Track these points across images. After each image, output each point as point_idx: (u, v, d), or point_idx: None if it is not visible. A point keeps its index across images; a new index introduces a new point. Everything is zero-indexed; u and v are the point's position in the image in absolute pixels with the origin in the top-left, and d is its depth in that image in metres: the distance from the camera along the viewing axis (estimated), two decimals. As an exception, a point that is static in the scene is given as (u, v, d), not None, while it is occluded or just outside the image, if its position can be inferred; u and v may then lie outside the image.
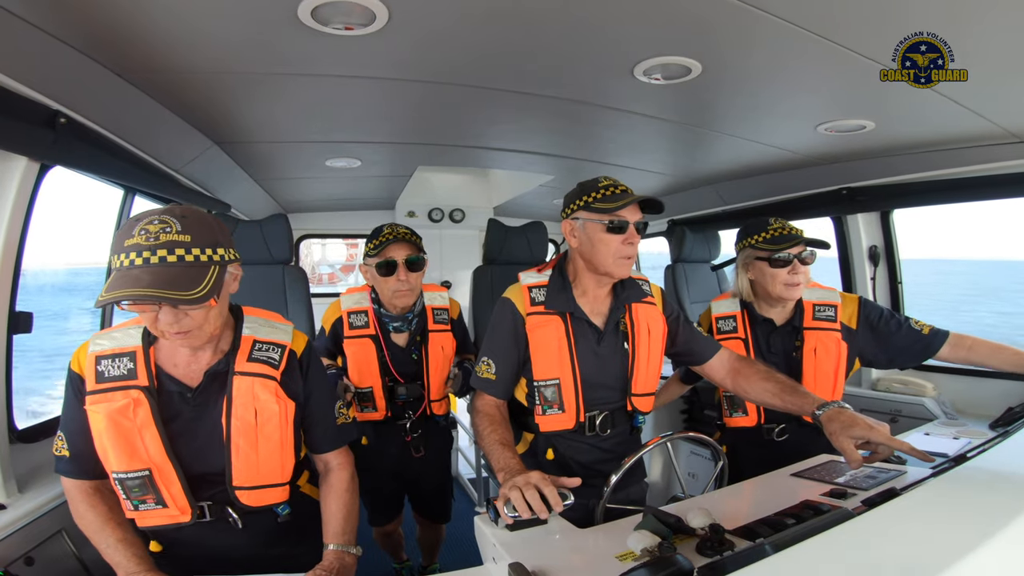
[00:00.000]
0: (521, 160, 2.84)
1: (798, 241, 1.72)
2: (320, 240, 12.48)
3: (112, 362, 1.11)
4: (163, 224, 0.99)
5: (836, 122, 1.93)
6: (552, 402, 1.47)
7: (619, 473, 1.34)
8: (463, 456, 3.94)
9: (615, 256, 1.41)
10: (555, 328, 1.47)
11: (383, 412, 1.96)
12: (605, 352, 1.50)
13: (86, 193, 6.88)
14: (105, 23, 1.23)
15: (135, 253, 0.96)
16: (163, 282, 0.95)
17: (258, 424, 1.15)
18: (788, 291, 1.75)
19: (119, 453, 1.08)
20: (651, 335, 1.53)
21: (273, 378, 1.17)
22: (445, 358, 2.03)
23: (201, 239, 1.02)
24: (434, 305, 2.03)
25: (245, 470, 1.15)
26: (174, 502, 1.12)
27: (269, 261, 2.68)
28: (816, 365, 1.76)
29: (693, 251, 3.50)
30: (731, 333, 1.85)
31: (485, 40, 1.41)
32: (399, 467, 2.11)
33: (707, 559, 0.97)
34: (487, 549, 1.13)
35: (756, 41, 1.36)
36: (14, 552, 1.30)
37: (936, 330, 1.77)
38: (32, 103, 1.33)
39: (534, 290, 1.51)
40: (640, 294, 1.54)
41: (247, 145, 2.35)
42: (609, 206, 1.39)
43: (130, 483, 1.10)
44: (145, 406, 1.09)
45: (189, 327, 1.04)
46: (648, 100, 1.84)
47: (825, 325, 1.78)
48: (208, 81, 1.62)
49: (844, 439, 1.23)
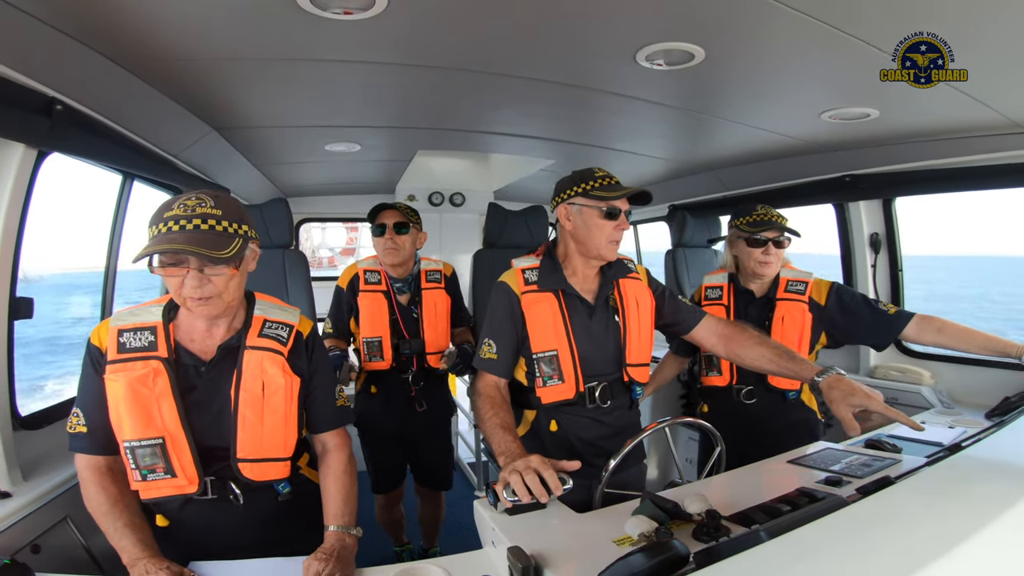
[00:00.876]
0: (522, 144, 2.82)
1: (772, 227, 1.94)
2: (320, 224, 12.47)
3: (134, 335, 1.18)
4: (199, 200, 1.12)
5: (840, 110, 1.91)
6: (551, 373, 1.54)
7: (617, 458, 1.35)
8: (463, 440, 3.98)
9: (607, 240, 1.52)
10: (549, 303, 1.56)
11: (389, 361, 2.18)
12: (597, 326, 1.59)
13: (80, 198, 6.75)
14: (101, 10, 1.22)
15: (173, 222, 1.08)
16: (196, 242, 1.07)
17: (265, 396, 1.21)
18: (760, 268, 1.97)
19: (135, 421, 1.13)
20: (639, 307, 1.62)
21: (281, 353, 1.24)
22: (438, 313, 2.25)
23: (230, 215, 1.14)
24: (428, 268, 2.29)
25: (250, 441, 1.20)
26: (183, 472, 1.16)
27: (269, 245, 2.68)
28: (783, 332, 1.93)
29: (694, 236, 3.49)
30: (716, 300, 2.09)
31: (485, 24, 1.39)
32: (403, 426, 2.25)
33: (703, 544, 0.99)
34: (486, 533, 1.15)
35: (760, 28, 1.34)
36: (20, 540, 1.30)
37: (902, 311, 1.90)
38: (28, 90, 1.32)
39: (527, 271, 1.60)
40: (625, 270, 1.65)
41: (246, 130, 2.33)
42: (607, 195, 1.50)
43: (141, 451, 1.14)
44: (164, 376, 1.16)
45: (211, 293, 1.12)
46: (650, 86, 1.82)
47: (794, 297, 1.97)
48: (206, 67, 1.60)
49: (844, 407, 1.28)
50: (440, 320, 2.26)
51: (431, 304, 2.25)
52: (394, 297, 2.22)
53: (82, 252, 24.46)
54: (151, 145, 1.99)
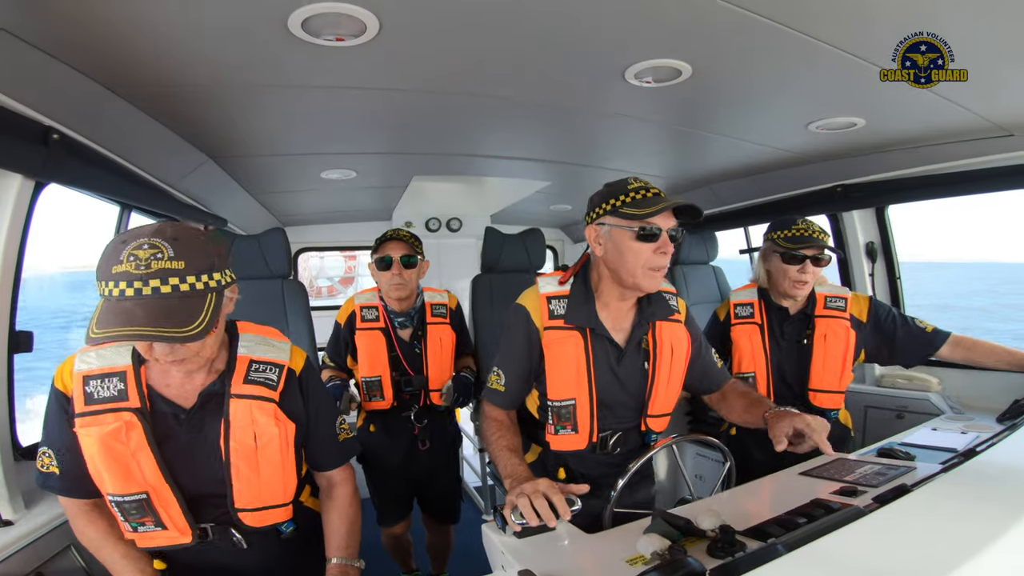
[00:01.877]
0: (516, 167, 2.85)
1: (812, 244, 1.81)
2: (318, 253, 12.48)
3: (101, 383, 1.06)
4: (153, 249, 0.91)
5: (827, 120, 1.94)
6: (565, 422, 1.40)
7: (625, 477, 1.32)
8: (468, 464, 3.91)
9: (644, 267, 1.29)
10: (574, 346, 1.37)
11: (390, 401, 2.08)
12: (624, 372, 1.41)
13: (84, 209, 6.79)
14: (97, 39, 1.24)
15: (125, 283, 0.89)
16: (158, 316, 0.89)
17: (258, 447, 1.11)
18: (793, 288, 1.85)
19: (114, 477, 1.04)
20: (674, 355, 1.43)
21: (272, 400, 1.13)
22: (443, 349, 2.15)
23: (195, 265, 0.94)
24: (433, 302, 2.18)
25: (247, 492, 1.13)
26: (173, 524, 1.09)
27: (268, 276, 2.67)
28: (826, 350, 1.84)
29: (691, 253, 3.50)
30: (747, 318, 1.95)
31: (476, 48, 1.42)
32: (407, 463, 2.17)
33: (719, 560, 0.96)
34: (496, 557, 1.11)
35: (744, 42, 1.36)
36: (23, 568, 1.28)
37: (938, 330, 1.86)
38: (25, 119, 1.33)
39: (553, 301, 1.40)
40: (667, 311, 1.44)
41: (242, 159, 2.35)
42: (639, 211, 1.26)
43: (127, 506, 1.06)
44: (138, 429, 1.04)
45: (185, 355, 1.01)
46: (640, 103, 1.85)
47: (835, 314, 1.87)
48: (201, 95, 1.62)
49: (775, 428, 1.26)
50: (445, 356, 2.16)
51: (436, 340, 2.14)
52: (394, 334, 2.12)
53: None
54: (148, 175, 2.01)
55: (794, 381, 1.89)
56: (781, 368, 1.90)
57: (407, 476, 2.21)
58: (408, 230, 2.15)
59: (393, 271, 2.06)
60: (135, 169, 1.90)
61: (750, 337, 1.92)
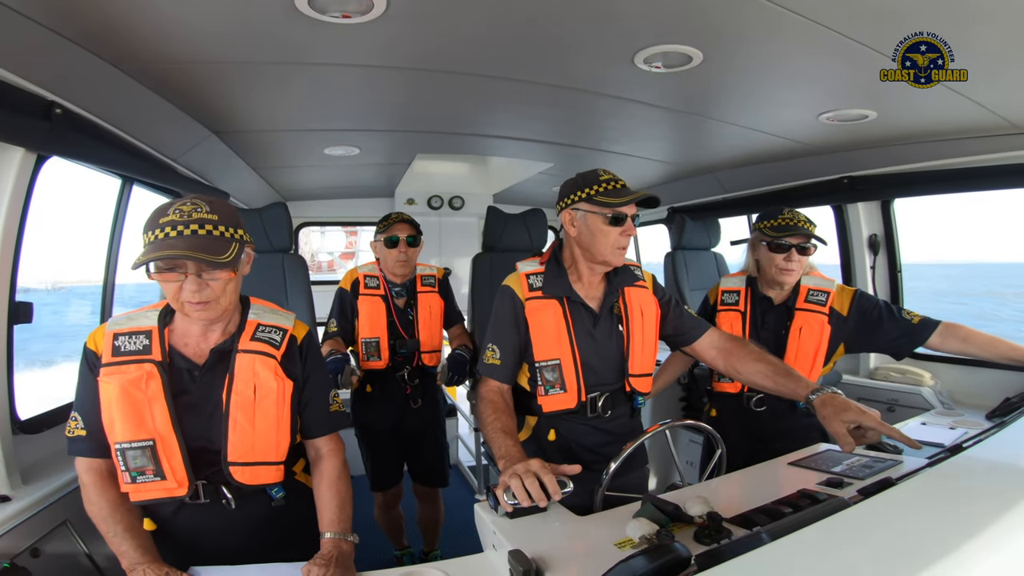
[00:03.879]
0: (520, 148, 2.83)
1: (797, 233, 1.84)
2: (319, 228, 12.44)
3: (129, 339, 1.18)
4: (195, 205, 1.12)
5: (838, 111, 1.92)
6: (553, 382, 1.52)
7: (618, 461, 1.35)
8: (463, 443, 3.97)
9: (613, 246, 1.48)
10: (553, 311, 1.53)
11: (386, 361, 2.27)
12: (601, 335, 1.56)
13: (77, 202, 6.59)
14: (100, 14, 1.22)
15: (170, 227, 1.08)
16: (194, 247, 1.07)
17: (256, 399, 1.20)
18: (781, 275, 1.88)
19: (126, 422, 1.13)
20: (644, 317, 1.58)
21: (273, 356, 1.24)
22: (432, 315, 2.36)
23: (226, 219, 1.14)
24: (423, 273, 2.40)
25: (240, 444, 1.19)
26: (173, 474, 1.16)
27: (269, 249, 2.68)
28: (799, 344, 1.87)
29: (693, 238, 3.49)
30: (732, 306, 1.99)
31: (484, 28, 1.40)
32: (398, 424, 2.33)
33: (705, 547, 0.99)
34: (487, 536, 1.15)
35: (757, 30, 1.34)
36: (19, 544, 1.30)
37: (927, 319, 1.81)
38: (27, 94, 1.32)
39: (531, 277, 1.57)
40: (632, 278, 1.61)
41: (245, 134, 2.33)
42: (611, 200, 1.45)
43: (132, 452, 1.13)
44: (157, 379, 1.16)
45: (209, 297, 1.12)
46: (649, 88, 1.82)
47: (814, 308, 1.89)
48: (205, 71, 1.60)
49: (837, 422, 1.26)
50: (434, 321, 2.37)
51: (426, 306, 2.36)
52: (392, 301, 2.32)
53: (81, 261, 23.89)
54: (150, 149, 2.00)
55: None
56: None
57: (398, 437, 2.36)
58: (410, 214, 2.34)
59: (400, 249, 2.26)
60: (137, 143, 1.89)
61: (731, 324, 1.95)
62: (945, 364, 2.29)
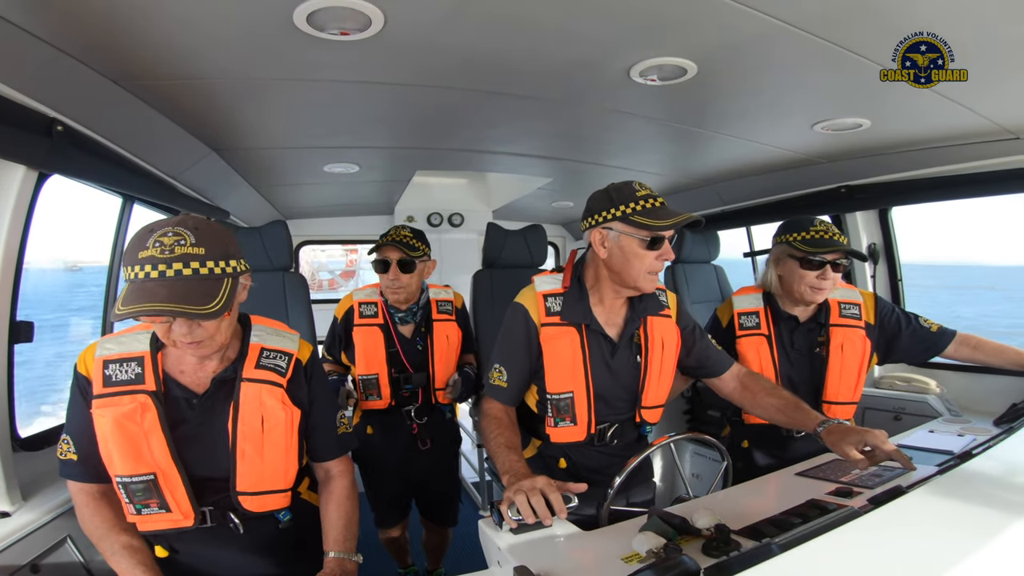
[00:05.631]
0: (519, 163, 2.84)
1: (834, 247, 1.69)
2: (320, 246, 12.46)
3: (120, 366, 1.12)
4: (177, 236, 1.00)
5: (832, 121, 1.93)
6: (564, 415, 1.46)
7: (622, 475, 1.33)
8: (466, 459, 3.92)
9: (648, 271, 1.37)
10: (570, 341, 1.44)
11: (387, 400, 2.04)
12: (618, 365, 1.48)
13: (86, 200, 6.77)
14: (101, 31, 1.23)
15: (150, 266, 0.97)
16: (179, 296, 0.97)
17: (264, 430, 1.16)
18: (812, 294, 1.73)
19: (124, 457, 1.09)
20: (665, 349, 1.50)
21: (280, 385, 1.19)
22: (450, 346, 2.11)
23: (214, 251, 1.03)
24: (438, 299, 2.14)
25: (250, 475, 1.16)
26: (177, 507, 1.13)
27: (269, 268, 2.68)
28: (843, 362, 1.76)
29: (692, 251, 3.49)
30: (754, 330, 1.83)
31: (481, 44, 1.41)
32: (406, 465, 2.13)
33: (713, 559, 0.96)
34: (492, 553, 1.12)
35: (750, 41, 1.36)
36: (19, 560, 1.29)
37: (944, 329, 1.81)
38: (29, 111, 1.33)
39: (549, 299, 1.46)
40: (657, 307, 1.50)
41: (245, 151, 2.35)
42: (652, 222, 1.31)
43: (134, 487, 1.10)
44: (152, 411, 1.10)
45: (202, 337, 1.06)
46: (645, 101, 1.84)
47: (851, 322, 1.79)
48: (205, 88, 1.62)
49: (844, 445, 1.26)
50: (452, 354, 2.14)
51: (443, 337, 2.12)
52: (394, 330, 2.09)
53: (84, 269, 23.83)
54: (151, 167, 2.01)
55: (806, 393, 1.74)
56: (791, 380, 1.80)
57: (405, 478, 2.18)
58: (411, 226, 2.11)
59: (390, 275, 2.03)
60: (138, 161, 1.90)
61: (758, 350, 1.81)
62: (950, 371, 2.27)
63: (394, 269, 2.02)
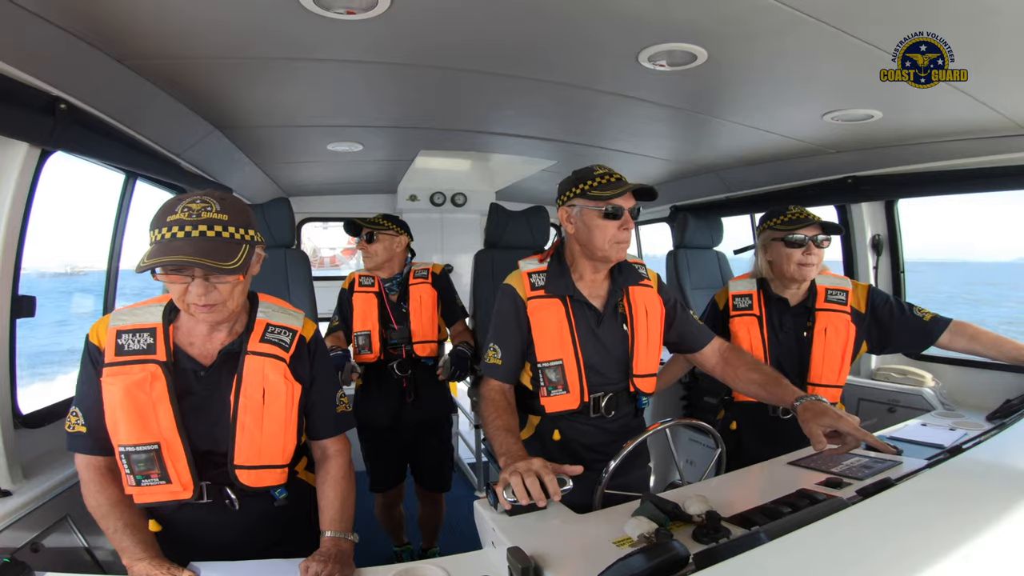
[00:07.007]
0: (523, 145, 2.82)
1: (812, 223, 1.81)
2: (321, 223, 12.44)
3: (132, 336, 1.15)
4: (204, 204, 1.08)
5: (843, 111, 1.91)
6: (556, 383, 1.51)
7: (617, 459, 1.35)
8: (463, 440, 3.98)
9: (611, 241, 1.46)
10: (556, 310, 1.52)
11: (377, 353, 2.35)
12: (605, 334, 1.54)
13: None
14: (105, 9, 1.22)
15: (177, 227, 1.05)
16: (202, 251, 1.03)
17: (265, 403, 1.18)
18: (801, 271, 1.82)
19: (130, 425, 1.10)
20: (649, 317, 1.57)
21: (283, 360, 1.22)
22: (423, 304, 2.43)
23: (237, 219, 1.10)
24: (416, 269, 2.48)
25: (248, 448, 1.18)
26: (178, 478, 1.14)
27: (271, 244, 2.68)
28: (826, 345, 1.83)
29: (695, 237, 3.48)
30: (746, 310, 1.93)
31: (488, 25, 1.39)
32: (396, 420, 2.36)
33: (703, 546, 0.99)
34: (486, 533, 1.15)
35: (763, 29, 1.34)
36: (20, 539, 1.30)
37: (938, 317, 1.82)
38: (32, 89, 1.32)
39: (533, 275, 1.55)
40: (637, 277, 1.59)
41: (248, 130, 2.34)
42: (605, 194, 1.43)
43: (136, 456, 1.11)
44: (162, 381, 1.13)
45: (216, 300, 1.09)
46: (653, 86, 1.82)
47: (836, 307, 1.85)
48: (209, 66, 1.60)
49: (813, 425, 1.29)
50: (424, 310, 2.42)
51: (417, 297, 2.43)
52: (385, 297, 2.42)
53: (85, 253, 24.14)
54: (154, 144, 2.00)
55: (792, 374, 1.83)
56: (779, 361, 1.87)
57: (398, 435, 2.39)
58: (385, 215, 2.42)
59: (360, 245, 2.44)
60: (141, 138, 1.89)
61: (748, 329, 1.90)
62: (946, 365, 2.28)
63: (363, 241, 2.41)
